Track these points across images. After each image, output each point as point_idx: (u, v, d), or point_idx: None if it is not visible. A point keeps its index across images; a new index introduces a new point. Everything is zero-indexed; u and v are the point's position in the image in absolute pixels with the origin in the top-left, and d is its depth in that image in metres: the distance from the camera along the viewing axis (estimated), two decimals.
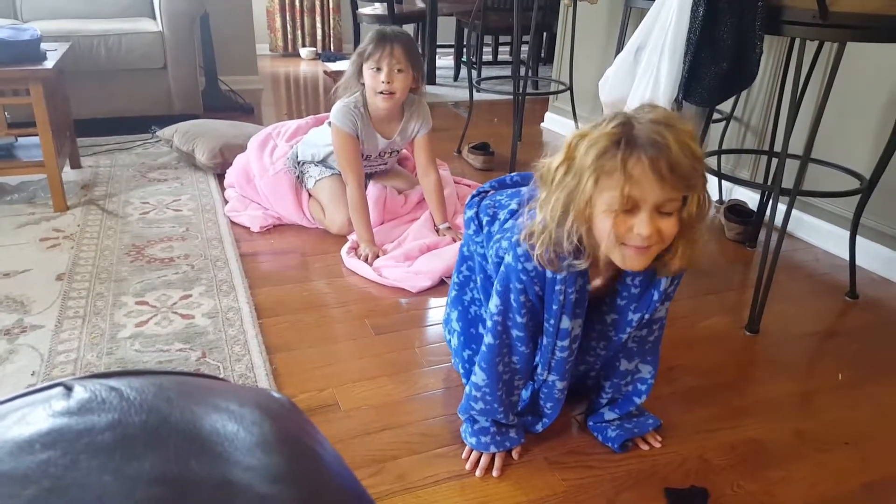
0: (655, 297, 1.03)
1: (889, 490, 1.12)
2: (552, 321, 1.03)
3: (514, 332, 1.07)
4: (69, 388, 0.28)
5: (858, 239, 1.77)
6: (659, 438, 1.19)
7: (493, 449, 1.12)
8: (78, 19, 2.98)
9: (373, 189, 2.04)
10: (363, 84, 1.86)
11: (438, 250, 1.84)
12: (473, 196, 1.25)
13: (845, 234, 1.83)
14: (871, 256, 1.88)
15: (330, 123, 1.89)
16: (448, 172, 2.32)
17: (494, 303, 1.06)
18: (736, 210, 2.11)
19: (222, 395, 0.31)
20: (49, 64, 1.96)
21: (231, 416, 0.29)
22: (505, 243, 1.04)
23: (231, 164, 2.27)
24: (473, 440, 1.14)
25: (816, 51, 1.78)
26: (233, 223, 2.04)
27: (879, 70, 1.81)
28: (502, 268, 1.04)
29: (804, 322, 1.63)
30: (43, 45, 2.06)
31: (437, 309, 1.62)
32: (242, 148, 2.30)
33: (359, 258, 1.81)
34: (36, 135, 1.98)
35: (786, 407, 1.31)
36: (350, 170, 1.86)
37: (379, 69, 1.79)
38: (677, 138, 0.85)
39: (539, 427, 1.18)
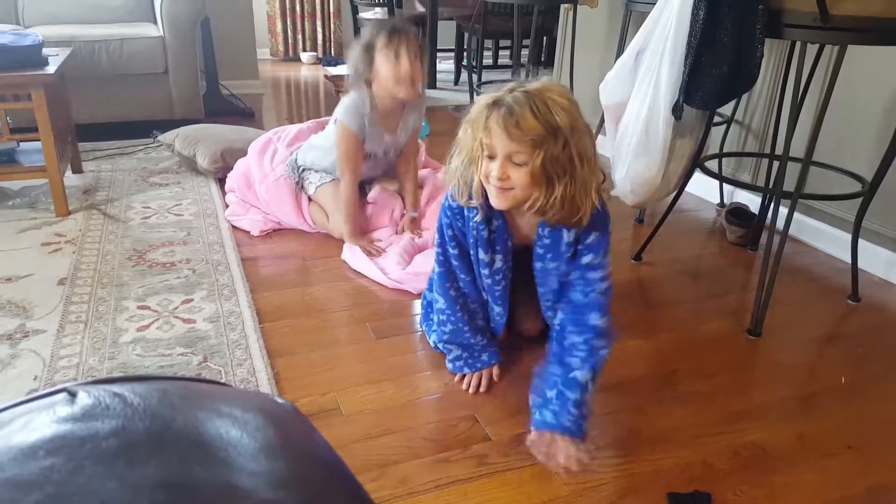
0: (563, 248, 1.19)
1: (893, 494, 1.11)
2: (472, 252, 1.27)
3: (453, 262, 1.30)
4: (73, 394, 0.28)
5: (860, 242, 1.77)
6: (584, 459, 1.11)
7: (466, 370, 1.35)
8: (79, 24, 2.99)
9: (380, 194, 2.04)
10: (368, 83, 1.83)
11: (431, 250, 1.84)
12: None
13: (847, 237, 1.83)
14: (873, 259, 1.88)
15: (336, 121, 1.88)
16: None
17: (435, 238, 1.32)
18: (737, 213, 2.11)
19: (226, 401, 0.31)
20: (51, 69, 1.96)
21: (234, 421, 0.29)
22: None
23: (232, 169, 2.27)
24: (450, 365, 1.37)
25: (817, 54, 1.78)
26: (234, 227, 2.04)
27: (881, 73, 1.81)
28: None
29: (806, 325, 1.63)
30: (45, 51, 2.06)
31: None
32: (243, 152, 2.30)
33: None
34: (38, 140, 1.98)
35: (788, 411, 1.31)
36: (348, 167, 1.87)
37: (398, 57, 1.76)
38: (534, 103, 1.03)
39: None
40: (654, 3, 1.59)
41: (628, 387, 1.36)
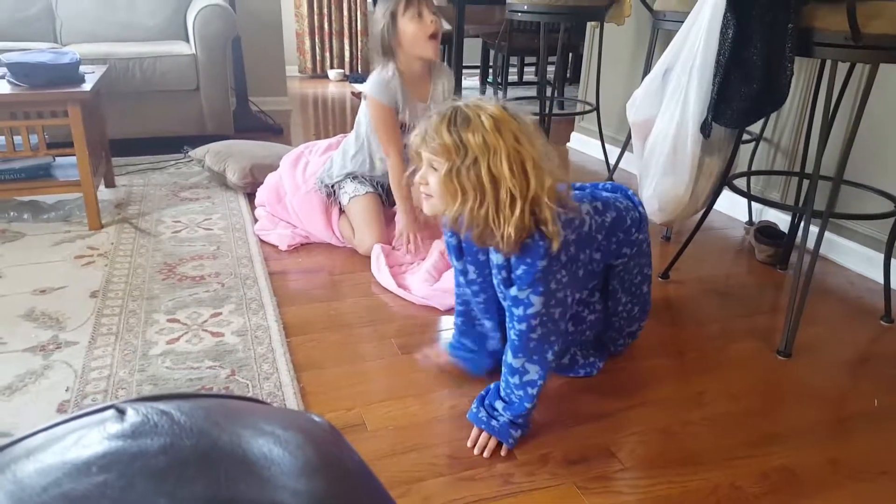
0: (495, 270, 1.21)
1: None
2: (449, 259, 1.33)
3: (454, 264, 1.34)
4: (121, 412, 0.29)
5: (893, 262, 1.74)
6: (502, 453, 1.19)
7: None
8: (114, 42, 3.07)
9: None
10: (392, 54, 1.90)
11: None
12: None
13: (879, 257, 1.79)
14: None
15: (364, 97, 1.93)
16: None
17: None
18: (766, 232, 2.08)
19: (266, 419, 0.32)
20: (87, 86, 2.02)
21: (276, 440, 0.30)
22: None
23: (260, 184, 2.31)
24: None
25: (848, 72, 1.76)
26: (262, 242, 2.07)
27: None
28: None
29: (838, 346, 1.60)
30: (81, 68, 2.12)
31: None
32: (272, 168, 2.33)
33: (393, 249, 1.92)
34: (73, 155, 2.03)
35: (819, 434, 1.28)
36: (390, 142, 1.92)
37: (420, 14, 1.85)
38: (454, 116, 1.08)
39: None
40: (682, 22, 1.59)
41: (655, 407, 1.34)
